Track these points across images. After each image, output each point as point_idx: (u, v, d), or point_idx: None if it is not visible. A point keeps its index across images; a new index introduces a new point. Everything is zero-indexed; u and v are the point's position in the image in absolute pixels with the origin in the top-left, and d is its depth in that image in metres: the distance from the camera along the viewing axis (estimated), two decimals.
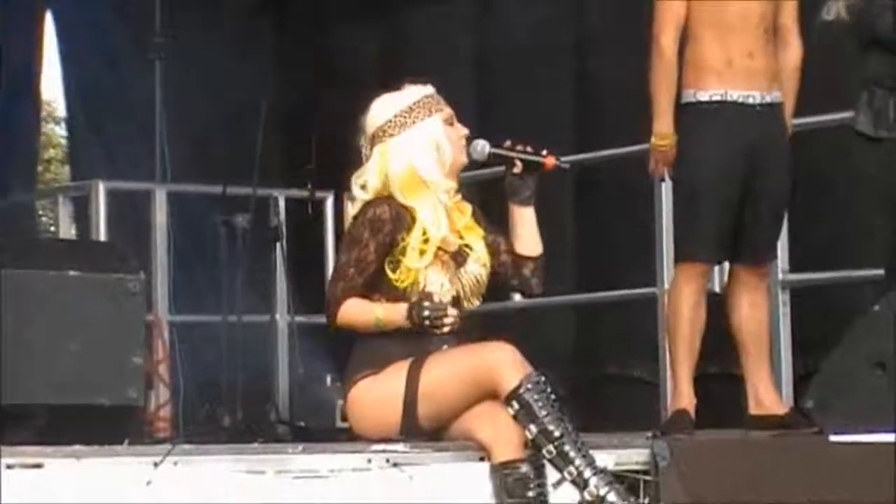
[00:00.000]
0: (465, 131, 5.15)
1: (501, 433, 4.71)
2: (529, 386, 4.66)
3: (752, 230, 5.91)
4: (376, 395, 4.90)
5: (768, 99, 5.91)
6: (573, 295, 8.56)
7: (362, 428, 4.95)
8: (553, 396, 4.68)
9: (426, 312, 4.87)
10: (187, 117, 8.97)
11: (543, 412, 4.64)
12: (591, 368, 8.85)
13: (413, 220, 5.01)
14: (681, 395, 5.82)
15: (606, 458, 4.87)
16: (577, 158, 8.40)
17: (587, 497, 4.61)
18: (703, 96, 5.85)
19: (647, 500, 4.94)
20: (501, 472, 4.68)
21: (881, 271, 5.94)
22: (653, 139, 5.90)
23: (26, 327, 4.46)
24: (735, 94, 5.85)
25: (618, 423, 6.82)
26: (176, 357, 8.12)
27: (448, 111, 5.13)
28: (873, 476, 5.12)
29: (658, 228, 7.24)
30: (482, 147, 5.16)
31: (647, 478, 4.95)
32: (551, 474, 4.69)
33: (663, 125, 5.86)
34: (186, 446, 4.67)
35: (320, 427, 6.93)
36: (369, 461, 4.65)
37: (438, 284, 5.00)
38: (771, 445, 5.36)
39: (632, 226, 7.81)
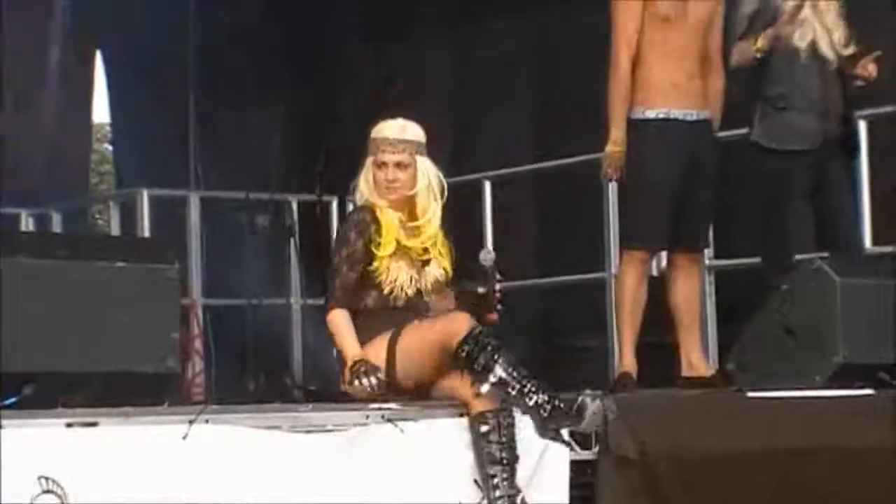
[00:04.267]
0: (392, 178, 4.97)
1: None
2: (475, 333, 4.63)
3: (686, 224, 5.90)
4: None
5: (702, 116, 5.91)
6: (537, 279, 8.56)
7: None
8: (495, 343, 4.63)
9: (362, 368, 4.80)
10: (216, 136, 8.97)
11: (488, 348, 4.61)
12: (552, 340, 8.86)
13: (380, 222, 4.97)
14: (625, 360, 5.83)
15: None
16: (539, 167, 8.48)
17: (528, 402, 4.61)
18: (651, 114, 5.84)
19: (598, 448, 4.95)
20: (477, 422, 4.68)
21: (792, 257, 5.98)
22: (608, 147, 5.88)
23: (82, 308, 4.45)
24: (676, 112, 5.84)
25: (574, 385, 6.80)
26: (208, 333, 8.10)
27: (384, 158, 4.98)
28: (785, 425, 5.14)
29: (606, 222, 7.24)
30: (485, 258, 5.06)
31: (598, 429, 4.95)
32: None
33: (617, 133, 5.84)
34: (216, 406, 4.66)
35: (328, 390, 6.90)
36: (367, 417, 4.64)
37: (407, 277, 4.95)
38: (700, 401, 5.35)
39: (585, 221, 7.80)
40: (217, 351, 7.77)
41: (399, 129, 5.03)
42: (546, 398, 4.62)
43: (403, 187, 4.99)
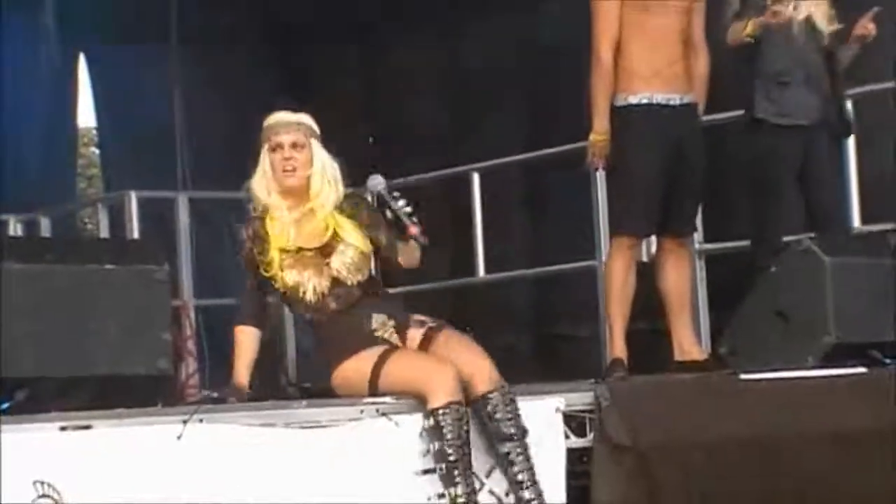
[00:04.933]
0: (289, 156, 4.91)
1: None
2: (447, 411, 4.58)
3: (674, 209, 5.90)
4: (352, 379, 4.84)
5: (686, 100, 5.91)
6: (527, 269, 8.57)
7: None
8: (465, 428, 4.58)
9: (226, 397, 4.84)
10: (203, 137, 8.97)
11: (449, 436, 4.56)
12: (544, 328, 8.87)
13: (267, 234, 4.93)
14: (616, 347, 5.84)
15: (558, 401, 4.88)
16: (527, 157, 8.49)
17: None
18: (634, 100, 5.84)
19: (592, 435, 4.96)
20: (481, 404, 4.66)
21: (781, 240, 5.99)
22: (592, 135, 5.88)
23: (73, 312, 4.45)
24: (659, 97, 5.85)
25: (567, 372, 6.83)
26: (201, 334, 8.11)
27: (279, 139, 4.92)
28: (778, 406, 5.15)
29: (595, 211, 7.24)
30: (374, 185, 4.97)
31: (592, 416, 4.96)
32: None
33: (601, 122, 5.85)
34: (209, 405, 4.67)
35: (321, 387, 6.91)
36: (362, 412, 4.65)
37: (305, 280, 4.88)
38: (693, 385, 5.37)
39: (574, 210, 7.81)
40: (210, 351, 7.78)
41: (291, 114, 5.01)
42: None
43: (301, 168, 4.90)
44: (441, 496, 4.60)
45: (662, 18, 5.84)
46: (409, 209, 4.93)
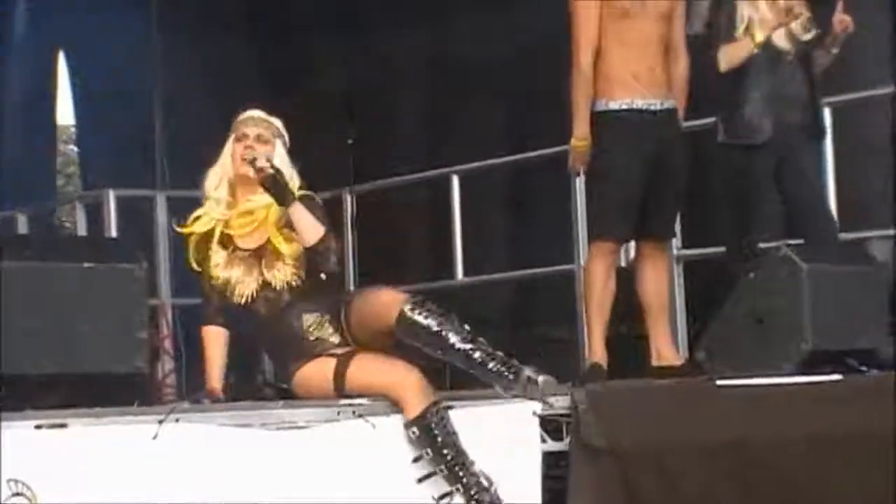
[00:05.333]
0: (252, 146, 4.95)
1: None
2: (429, 416, 4.61)
3: (653, 213, 5.91)
4: (313, 383, 4.86)
5: (666, 105, 5.92)
6: (506, 272, 8.58)
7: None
8: (450, 423, 4.62)
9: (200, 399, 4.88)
10: (182, 134, 8.96)
11: (440, 438, 4.60)
12: (522, 332, 8.87)
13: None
14: (595, 351, 5.84)
15: (535, 405, 4.87)
16: (507, 160, 8.49)
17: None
18: (614, 105, 5.85)
19: (569, 439, 4.97)
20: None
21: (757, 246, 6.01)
22: (573, 140, 5.89)
23: (50, 310, 4.44)
24: (639, 102, 5.85)
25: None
26: (178, 333, 8.10)
27: (246, 130, 5.00)
28: (754, 412, 5.16)
29: (574, 215, 7.25)
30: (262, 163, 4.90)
31: (569, 420, 4.96)
32: None
33: (581, 128, 5.86)
34: (186, 405, 4.66)
35: None
36: (338, 413, 4.66)
37: (234, 280, 4.93)
38: (670, 390, 5.36)
39: (553, 213, 7.82)
40: (187, 350, 7.77)
41: (262, 112, 5.10)
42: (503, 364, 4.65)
43: (259, 160, 4.91)
44: (444, 496, 4.62)
45: (642, 23, 5.85)
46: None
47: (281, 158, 5.01)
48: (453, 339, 4.68)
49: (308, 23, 10.02)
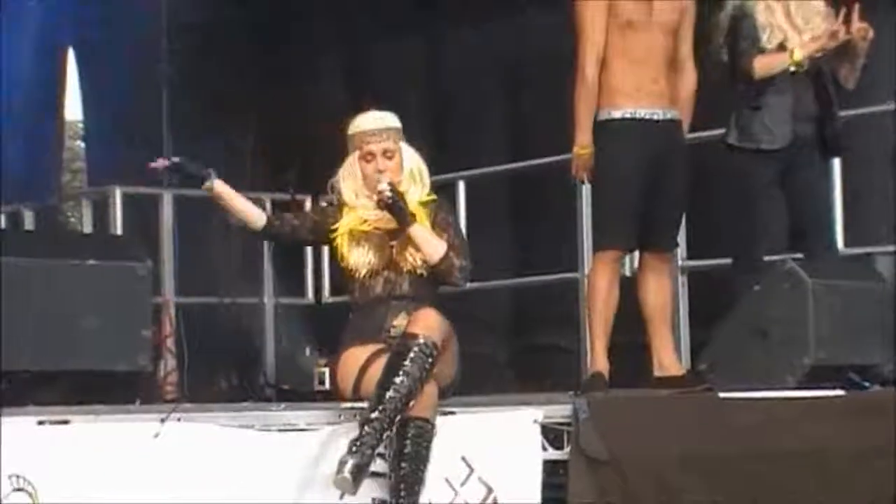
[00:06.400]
0: (383, 168, 5.01)
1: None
2: (414, 424, 4.56)
3: (656, 224, 5.90)
4: (346, 368, 4.86)
5: (669, 116, 5.92)
6: (510, 280, 8.57)
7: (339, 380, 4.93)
8: (423, 448, 4.56)
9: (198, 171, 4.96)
10: (190, 133, 8.96)
11: (407, 450, 4.53)
12: (524, 339, 8.87)
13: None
14: (597, 360, 5.83)
15: (536, 413, 4.88)
16: (513, 167, 8.49)
17: None
18: (617, 114, 5.85)
19: (570, 448, 4.96)
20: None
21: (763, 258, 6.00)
22: (575, 149, 5.89)
23: (54, 306, 4.44)
24: (642, 112, 5.85)
25: (545, 384, 6.83)
26: (181, 332, 8.09)
27: (369, 148, 5.03)
28: (756, 426, 5.15)
29: (579, 223, 7.24)
30: (382, 187, 4.99)
31: (570, 429, 4.96)
32: None
33: (584, 137, 5.87)
34: (188, 405, 4.66)
35: (300, 389, 6.91)
36: (340, 416, 4.66)
37: (364, 252, 4.96)
38: (672, 401, 5.36)
39: (558, 221, 7.81)
40: (190, 349, 7.77)
41: (379, 119, 5.10)
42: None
43: (392, 175, 5.00)
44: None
45: (646, 35, 5.86)
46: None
47: (410, 162, 5.06)
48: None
49: (308, 22, 10.02)
